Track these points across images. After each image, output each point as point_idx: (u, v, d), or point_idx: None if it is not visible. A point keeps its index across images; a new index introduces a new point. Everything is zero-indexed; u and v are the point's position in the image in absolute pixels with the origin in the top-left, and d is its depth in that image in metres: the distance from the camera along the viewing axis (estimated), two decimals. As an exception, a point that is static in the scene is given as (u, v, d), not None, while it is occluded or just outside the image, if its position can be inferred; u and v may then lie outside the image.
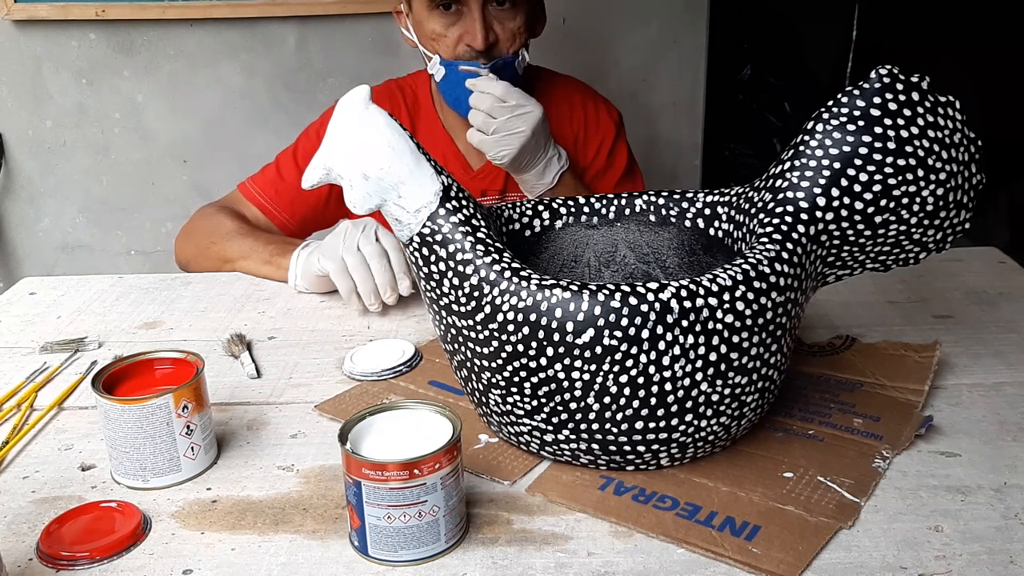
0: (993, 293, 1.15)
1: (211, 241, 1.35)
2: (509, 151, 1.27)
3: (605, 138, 1.48)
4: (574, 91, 1.49)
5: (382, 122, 0.79)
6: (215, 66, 2.20)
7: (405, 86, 1.48)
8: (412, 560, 0.70)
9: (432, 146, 1.43)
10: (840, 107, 0.83)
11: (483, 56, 1.30)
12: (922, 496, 0.76)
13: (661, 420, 0.75)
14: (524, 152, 1.28)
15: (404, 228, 0.79)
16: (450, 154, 1.44)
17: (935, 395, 0.92)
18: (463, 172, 1.44)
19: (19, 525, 0.76)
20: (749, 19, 3.25)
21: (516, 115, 1.26)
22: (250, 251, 1.30)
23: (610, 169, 1.48)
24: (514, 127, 1.26)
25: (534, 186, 1.34)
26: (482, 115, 1.27)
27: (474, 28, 1.29)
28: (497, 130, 1.26)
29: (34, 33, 2.16)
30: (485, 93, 1.27)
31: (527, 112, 1.26)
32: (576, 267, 0.95)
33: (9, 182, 2.29)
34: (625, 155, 1.50)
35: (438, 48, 1.33)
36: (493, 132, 1.27)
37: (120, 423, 0.78)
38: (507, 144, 1.27)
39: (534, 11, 1.37)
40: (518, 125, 1.26)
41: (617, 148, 1.49)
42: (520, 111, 1.26)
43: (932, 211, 0.83)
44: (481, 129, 1.28)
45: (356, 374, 0.99)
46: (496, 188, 1.44)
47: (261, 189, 1.43)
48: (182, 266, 1.41)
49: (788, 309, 0.78)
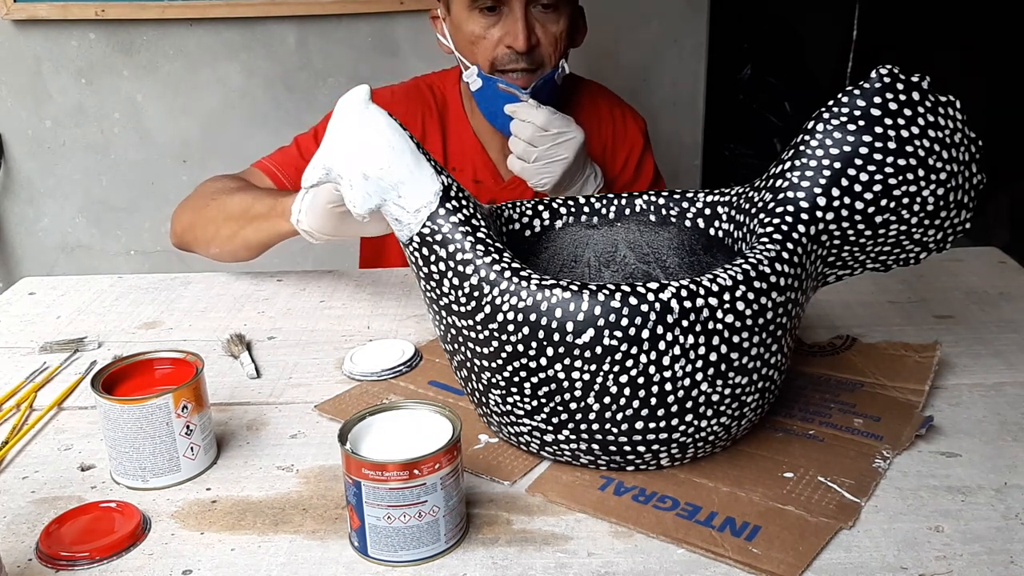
0: (993, 293, 1.15)
1: (211, 198, 1.23)
2: (551, 178, 1.25)
3: (633, 149, 1.46)
4: (601, 100, 1.47)
5: (382, 122, 0.79)
6: (215, 66, 2.20)
7: (434, 86, 1.44)
8: (412, 560, 0.70)
9: (462, 153, 1.41)
10: (840, 107, 0.83)
11: (524, 59, 1.27)
12: (922, 496, 0.76)
13: (661, 420, 0.75)
14: (565, 177, 1.26)
15: (404, 228, 0.79)
16: (480, 163, 1.41)
17: (935, 395, 0.92)
18: (494, 182, 1.41)
19: (19, 525, 0.76)
20: (749, 19, 3.25)
21: (558, 143, 1.24)
22: (252, 201, 1.17)
23: (638, 180, 1.46)
24: (556, 155, 1.24)
25: None
26: (523, 144, 1.25)
27: (516, 28, 1.26)
28: (539, 158, 1.24)
29: (34, 33, 2.16)
30: (526, 122, 1.24)
31: (569, 139, 1.24)
32: (576, 267, 0.95)
33: (9, 182, 2.29)
34: (652, 166, 1.48)
35: (476, 53, 1.30)
36: (535, 160, 1.25)
37: (120, 423, 0.78)
38: (548, 172, 1.25)
39: (576, 18, 1.35)
40: (560, 152, 1.24)
41: (644, 159, 1.47)
42: (562, 139, 1.24)
43: (932, 211, 0.83)
44: (522, 157, 1.25)
45: (356, 374, 0.99)
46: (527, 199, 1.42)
47: (279, 164, 1.35)
48: (179, 241, 1.30)
49: (788, 309, 0.78)
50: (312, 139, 1.38)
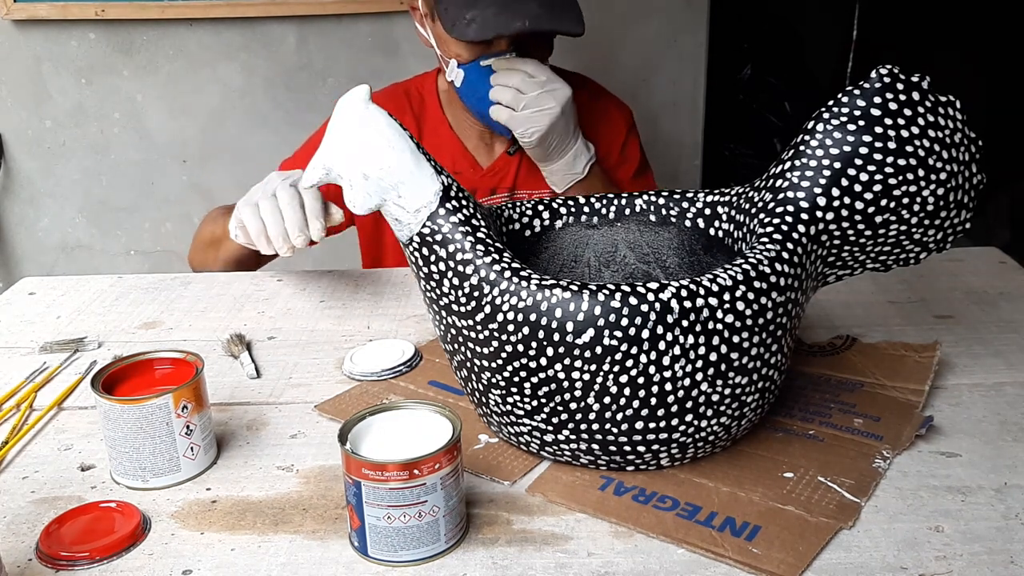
0: (993, 293, 1.15)
1: (200, 229, 1.32)
2: (538, 129, 1.24)
3: (616, 134, 1.46)
4: (583, 89, 1.47)
5: (382, 122, 0.79)
6: (214, 66, 2.20)
7: (411, 88, 1.46)
8: (412, 560, 0.70)
9: (439, 146, 1.41)
10: (840, 107, 0.83)
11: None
12: (922, 496, 0.76)
13: (661, 420, 0.75)
14: (553, 133, 1.25)
15: (404, 228, 0.79)
16: (458, 153, 1.42)
17: (935, 395, 0.92)
18: (472, 171, 1.42)
19: (19, 525, 0.76)
20: (749, 19, 3.26)
21: (546, 91, 1.23)
22: (213, 226, 1.26)
23: (623, 164, 1.46)
24: (544, 104, 1.23)
25: (564, 176, 1.32)
26: (511, 91, 1.24)
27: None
28: (527, 106, 1.23)
29: (34, 33, 2.16)
30: (513, 70, 1.24)
31: (557, 89, 1.24)
32: (576, 267, 0.95)
33: (9, 182, 2.29)
34: (637, 151, 1.48)
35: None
36: (523, 108, 1.23)
37: (120, 423, 0.78)
38: (536, 121, 1.24)
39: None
40: (548, 102, 1.23)
41: (628, 144, 1.47)
42: (550, 87, 1.23)
43: (932, 211, 0.83)
44: (510, 105, 1.24)
45: (356, 374, 0.98)
46: (506, 186, 1.42)
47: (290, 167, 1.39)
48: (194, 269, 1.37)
49: (788, 309, 0.78)
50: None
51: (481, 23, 1.22)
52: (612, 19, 2.22)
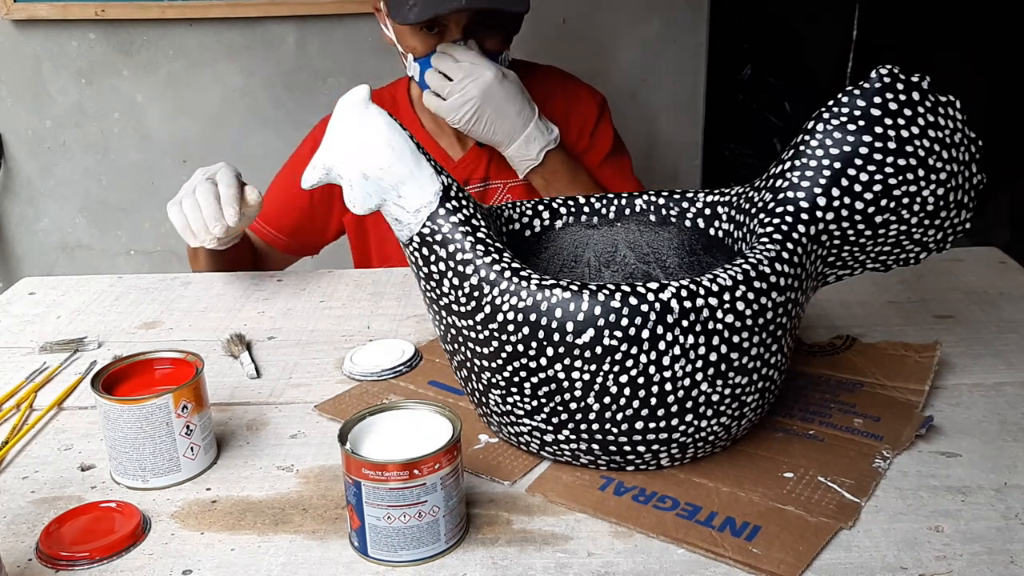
0: (993, 293, 1.15)
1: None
2: (462, 115, 1.26)
3: (587, 119, 1.46)
4: (552, 78, 1.48)
5: (382, 122, 0.79)
6: (214, 66, 2.20)
7: (384, 93, 1.48)
8: (412, 560, 0.70)
9: None
10: (840, 107, 0.83)
11: None
12: (922, 496, 0.76)
13: (661, 420, 0.75)
14: (482, 118, 1.26)
15: (404, 228, 0.79)
16: (430, 148, 1.43)
17: (935, 395, 0.92)
18: (444, 163, 1.43)
19: (19, 525, 0.76)
20: (749, 19, 3.25)
21: (469, 77, 1.24)
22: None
23: (592, 149, 1.46)
24: (466, 89, 1.24)
25: (520, 162, 1.33)
26: (438, 77, 1.25)
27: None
28: (451, 92, 1.25)
29: (34, 33, 2.15)
30: (443, 54, 1.25)
31: (478, 76, 1.24)
32: (576, 267, 0.95)
33: (9, 182, 2.29)
34: (609, 136, 1.48)
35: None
36: (448, 94, 1.25)
37: (120, 423, 0.78)
38: (459, 109, 1.25)
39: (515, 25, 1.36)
40: (470, 88, 1.25)
41: (599, 129, 1.47)
42: (473, 72, 1.24)
43: (932, 211, 0.83)
44: (438, 92, 1.26)
45: (356, 374, 0.98)
46: (478, 176, 1.43)
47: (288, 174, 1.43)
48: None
49: (788, 309, 0.78)
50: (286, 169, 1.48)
51: (422, 5, 1.24)
52: (612, 19, 2.21)
